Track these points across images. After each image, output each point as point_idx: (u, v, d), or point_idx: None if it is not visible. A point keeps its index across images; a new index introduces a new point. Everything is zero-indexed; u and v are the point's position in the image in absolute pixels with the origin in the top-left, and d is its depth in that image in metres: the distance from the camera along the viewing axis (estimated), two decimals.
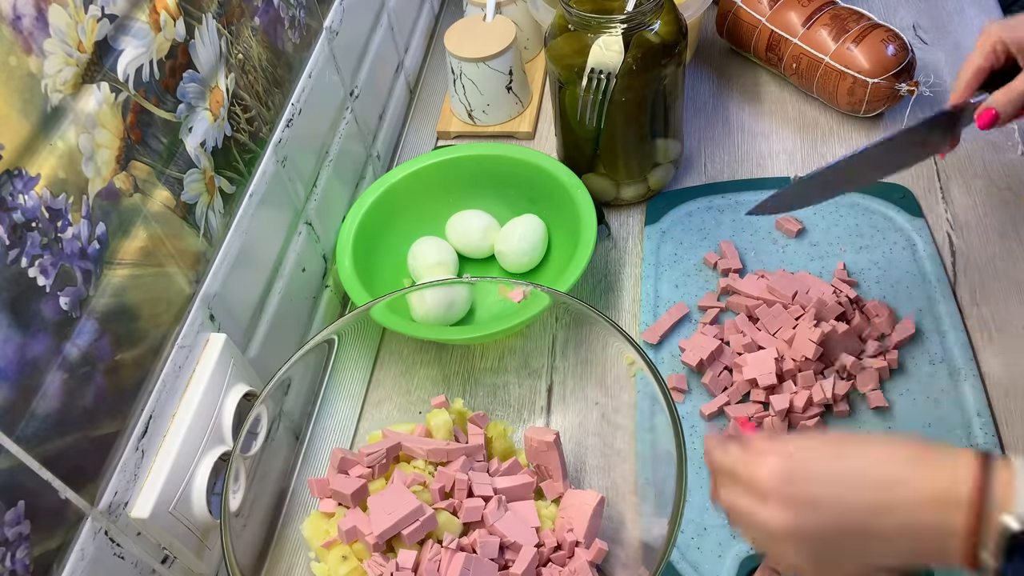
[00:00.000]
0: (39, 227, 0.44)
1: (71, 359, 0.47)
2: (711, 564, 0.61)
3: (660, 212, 0.85)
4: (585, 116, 0.77)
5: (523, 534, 0.56)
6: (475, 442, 0.62)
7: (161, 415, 0.55)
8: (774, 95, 0.96)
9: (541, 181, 0.81)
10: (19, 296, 0.43)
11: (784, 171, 0.88)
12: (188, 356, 0.58)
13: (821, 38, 0.88)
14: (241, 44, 0.65)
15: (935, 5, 1.04)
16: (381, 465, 0.60)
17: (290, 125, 0.73)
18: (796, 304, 0.72)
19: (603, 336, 0.61)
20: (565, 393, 0.69)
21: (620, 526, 0.60)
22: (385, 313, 0.65)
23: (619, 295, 0.80)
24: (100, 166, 0.49)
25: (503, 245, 0.80)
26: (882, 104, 0.87)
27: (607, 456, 0.63)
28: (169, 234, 0.56)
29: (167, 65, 0.56)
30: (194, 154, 0.59)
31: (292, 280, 0.73)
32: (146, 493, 0.53)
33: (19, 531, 0.43)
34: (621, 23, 0.72)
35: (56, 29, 0.46)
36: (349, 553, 0.56)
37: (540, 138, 0.97)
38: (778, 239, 0.81)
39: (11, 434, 0.43)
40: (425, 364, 0.73)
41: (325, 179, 0.80)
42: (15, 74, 0.43)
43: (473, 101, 0.95)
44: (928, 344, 0.71)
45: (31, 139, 0.44)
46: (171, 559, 0.55)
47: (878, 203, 0.82)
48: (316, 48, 0.78)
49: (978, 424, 0.65)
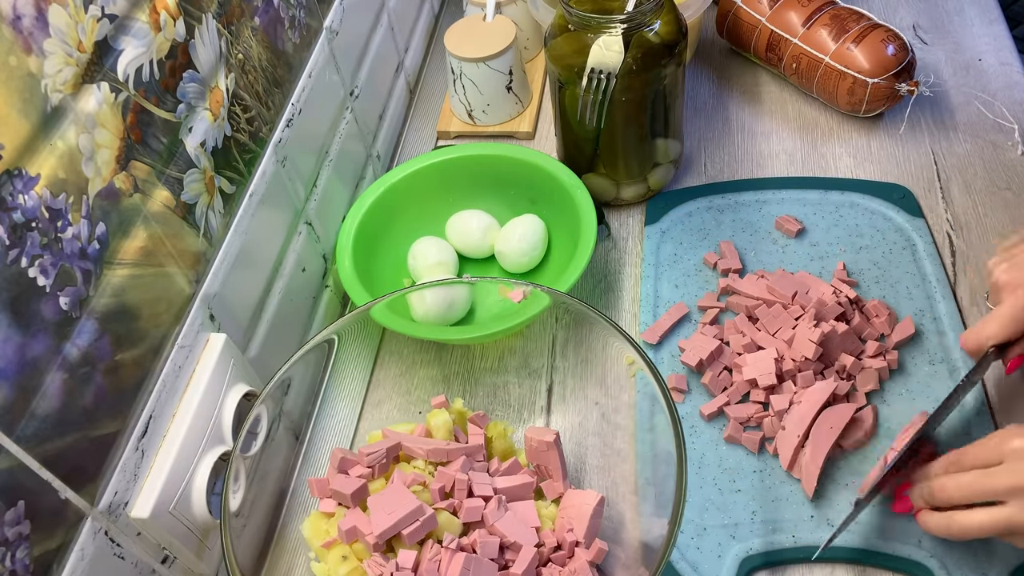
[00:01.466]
0: (39, 227, 0.44)
1: (71, 359, 0.47)
2: (711, 564, 0.61)
3: (660, 212, 0.85)
4: (585, 116, 0.77)
5: (523, 534, 0.56)
6: (475, 442, 0.62)
7: (161, 415, 0.55)
8: (774, 95, 0.96)
9: (541, 181, 0.81)
10: (19, 296, 0.43)
11: (784, 171, 0.88)
12: (188, 356, 0.58)
13: (821, 38, 0.88)
14: (241, 44, 0.65)
15: (935, 5, 1.04)
16: (381, 465, 0.60)
17: (290, 125, 0.73)
18: (796, 304, 0.72)
19: (603, 336, 0.61)
20: (565, 393, 0.70)
21: (620, 526, 0.60)
22: (385, 313, 0.65)
23: (619, 295, 0.80)
24: (100, 166, 0.49)
25: (503, 245, 0.80)
26: (882, 104, 0.87)
27: (607, 456, 0.63)
28: (169, 234, 0.56)
29: (167, 65, 0.56)
30: (194, 154, 0.59)
31: (292, 280, 0.73)
32: (146, 493, 0.53)
33: (19, 531, 0.43)
34: (621, 23, 0.72)
35: (56, 29, 0.46)
36: (349, 553, 0.56)
37: (540, 138, 0.97)
38: (778, 239, 0.81)
39: (11, 434, 0.43)
40: (425, 364, 0.73)
41: (325, 179, 0.80)
42: (15, 74, 0.43)
43: (473, 101, 0.95)
44: (928, 344, 0.71)
45: (31, 139, 0.44)
46: (171, 559, 0.55)
47: (878, 203, 0.82)
48: (316, 48, 0.78)
49: (978, 424, 0.66)
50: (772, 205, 0.84)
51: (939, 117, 0.91)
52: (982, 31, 0.99)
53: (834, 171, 0.87)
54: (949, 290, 0.74)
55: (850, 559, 0.61)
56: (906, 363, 0.70)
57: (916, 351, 0.71)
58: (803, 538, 0.62)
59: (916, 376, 0.69)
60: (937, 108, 0.91)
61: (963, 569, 0.59)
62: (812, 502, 0.63)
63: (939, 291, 0.74)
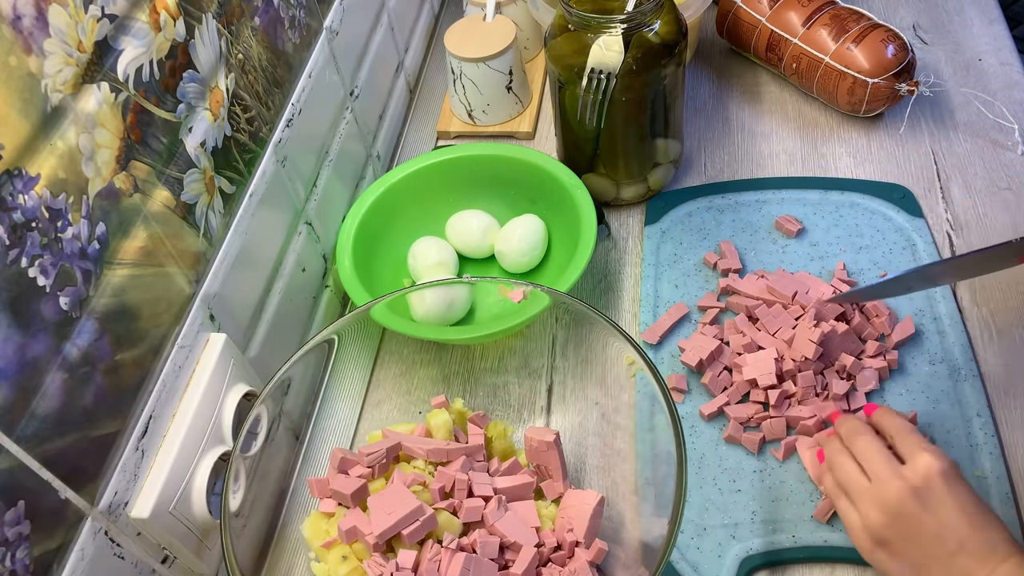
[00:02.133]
0: (39, 227, 0.44)
1: (71, 359, 0.47)
2: (711, 564, 0.61)
3: (660, 212, 0.85)
4: (585, 116, 0.77)
5: (523, 534, 0.56)
6: (475, 442, 0.62)
7: (161, 415, 0.55)
8: (774, 95, 0.96)
9: (541, 181, 0.81)
10: (19, 296, 0.43)
11: (784, 171, 0.88)
12: (188, 356, 0.58)
13: (821, 38, 0.88)
14: (241, 44, 0.65)
15: (935, 5, 1.04)
16: (381, 465, 0.60)
17: (290, 125, 0.73)
18: (796, 304, 0.72)
19: (603, 336, 0.61)
20: (565, 393, 0.70)
21: (620, 526, 0.60)
22: (385, 313, 0.65)
23: (619, 295, 0.80)
24: (100, 166, 0.49)
25: (503, 245, 0.80)
26: (882, 104, 0.87)
27: (607, 456, 0.63)
28: (169, 234, 0.56)
29: (167, 65, 0.56)
30: (194, 154, 0.59)
31: (292, 280, 0.73)
32: (146, 493, 0.53)
33: (19, 531, 0.43)
34: (621, 23, 0.72)
35: (56, 29, 0.46)
36: (349, 553, 0.56)
37: (540, 138, 0.97)
38: (778, 239, 0.81)
39: (11, 434, 0.43)
40: (425, 364, 0.73)
41: (325, 179, 0.80)
42: (15, 74, 0.43)
43: (473, 101, 0.95)
44: (928, 344, 0.71)
45: (31, 139, 0.44)
46: (171, 559, 0.55)
47: (878, 203, 0.82)
48: (316, 48, 0.78)
49: (978, 424, 0.66)
50: (772, 205, 0.84)
51: (939, 117, 0.91)
52: (982, 31, 0.99)
53: (834, 171, 0.87)
54: (949, 290, 0.74)
55: (850, 559, 0.61)
56: (906, 363, 0.70)
57: (916, 351, 0.71)
58: (803, 538, 0.62)
59: (916, 376, 0.69)
60: (937, 108, 0.91)
61: None
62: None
63: (939, 291, 0.74)
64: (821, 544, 0.61)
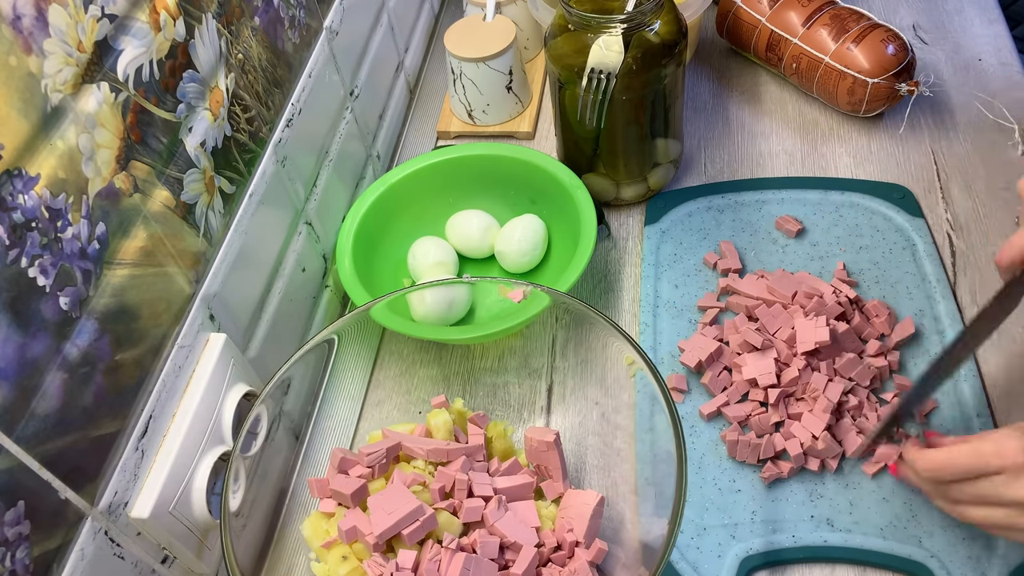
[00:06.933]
0: (39, 227, 0.44)
1: (71, 359, 0.47)
2: (711, 564, 0.61)
3: (660, 212, 0.85)
4: (585, 116, 0.77)
5: (523, 534, 0.56)
6: (475, 442, 0.62)
7: (161, 415, 0.55)
8: (774, 95, 0.96)
9: (541, 181, 0.81)
10: (19, 296, 0.43)
11: (784, 171, 0.88)
12: (188, 356, 0.58)
13: (821, 38, 0.88)
14: (241, 44, 0.65)
15: (935, 5, 1.04)
16: (381, 465, 0.60)
17: (290, 125, 0.73)
18: (796, 304, 0.72)
19: (603, 336, 0.61)
20: (565, 393, 0.70)
21: (620, 526, 0.60)
22: (385, 313, 0.65)
23: (619, 295, 0.80)
24: (100, 166, 0.49)
25: (503, 245, 0.80)
26: (882, 104, 0.87)
27: (607, 456, 0.63)
28: (169, 234, 0.56)
29: (167, 65, 0.56)
30: (194, 154, 0.59)
31: (292, 280, 0.73)
32: (146, 493, 0.53)
33: (19, 531, 0.43)
34: (621, 23, 0.72)
35: (56, 29, 0.46)
36: (349, 553, 0.56)
37: (540, 138, 0.97)
38: (778, 239, 0.81)
39: (11, 434, 0.43)
40: (425, 364, 0.73)
41: (325, 179, 0.80)
42: (15, 74, 0.43)
43: (473, 101, 0.95)
44: (928, 344, 0.71)
45: (31, 139, 0.44)
46: (171, 559, 0.55)
47: (878, 203, 0.82)
48: (316, 48, 0.78)
49: (978, 424, 0.66)
50: (772, 205, 0.84)
51: (939, 117, 0.91)
52: (982, 31, 0.99)
53: (834, 171, 0.87)
54: (949, 290, 0.74)
55: (850, 559, 0.61)
56: (906, 363, 0.70)
57: (916, 351, 0.71)
58: (803, 538, 0.62)
59: (916, 376, 0.69)
60: (937, 108, 0.91)
61: (963, 569, 0.59)
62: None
63: (939, 291, 0.74)
64: (821, 544, 0.61)
